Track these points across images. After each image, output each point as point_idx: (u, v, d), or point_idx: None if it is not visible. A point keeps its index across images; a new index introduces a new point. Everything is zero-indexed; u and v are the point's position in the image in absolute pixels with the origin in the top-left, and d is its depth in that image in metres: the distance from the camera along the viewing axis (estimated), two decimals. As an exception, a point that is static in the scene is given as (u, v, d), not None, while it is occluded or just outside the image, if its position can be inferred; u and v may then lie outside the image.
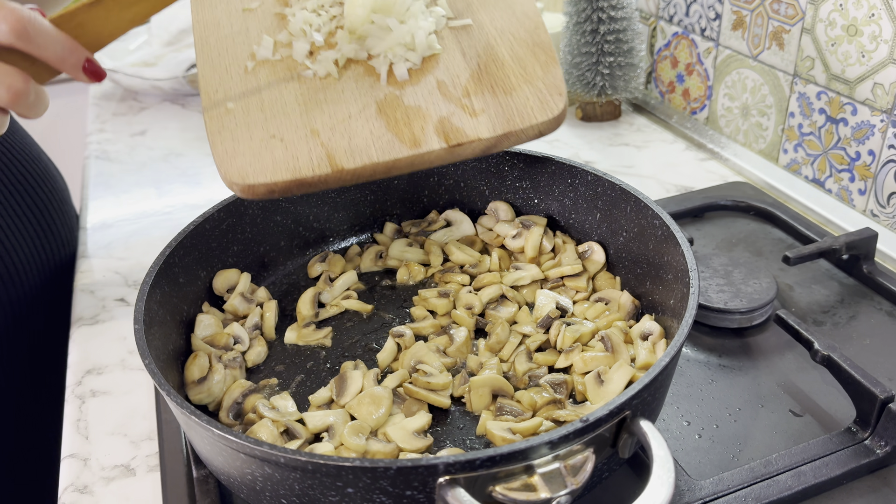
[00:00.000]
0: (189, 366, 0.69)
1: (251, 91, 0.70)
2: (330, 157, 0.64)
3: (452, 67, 0.71)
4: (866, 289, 0.87)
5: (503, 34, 0.72)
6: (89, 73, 0.62)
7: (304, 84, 0.70)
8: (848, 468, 0.65)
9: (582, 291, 0.78)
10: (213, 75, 0.71)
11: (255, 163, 0.65)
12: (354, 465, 0.49)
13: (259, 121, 0.67)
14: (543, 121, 0.67)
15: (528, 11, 0.73)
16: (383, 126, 0.67)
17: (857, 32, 0.94)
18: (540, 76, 0.69)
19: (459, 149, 0.66)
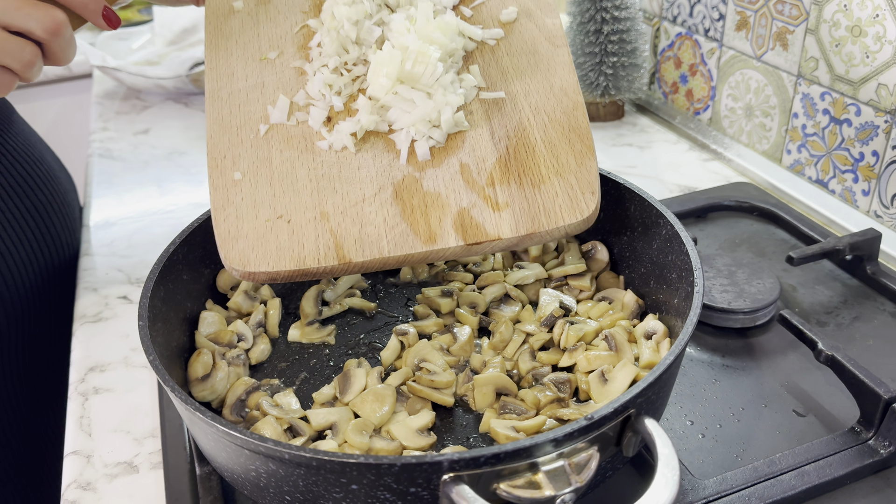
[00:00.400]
0: (192, 363, 0.69)
1: (261, 161, 0.66)
2: (338, 248, 0.62)
3: (479, 149, 0.66)
4: (870, 289, 0.87)
5: (538, 113, 0.67)
6: (107, 19, 0.68)
7: (317, 157, 0.67)
8: (851, 468, 0.65)
9: (586, 290, 0.78)
10: (222, 137, 0.68)
11: (258, 247, 0.62)
12: (359, 462, 0.49)
13: (267, 197, 0.64)
14: (571, 223, 0.62)
15: (568, 88, 0.68)
16: (398, 214, 0.63)
17: (862, 33, 0.94)
18: (573, 169, 0.64)
19: (477, 247, 0.62)
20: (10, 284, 0.91)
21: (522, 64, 0.71)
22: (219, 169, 0.66)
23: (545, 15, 0.74)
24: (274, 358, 0.75)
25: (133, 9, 1.99)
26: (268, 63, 0.72)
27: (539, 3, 0.74)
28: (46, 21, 0.63)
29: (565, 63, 0.70)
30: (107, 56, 1.46)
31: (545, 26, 0.73)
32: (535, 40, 0.72)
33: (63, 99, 1.94)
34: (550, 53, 0.71)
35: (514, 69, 0.70)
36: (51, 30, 0.64)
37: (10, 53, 0.63)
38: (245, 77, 0.71)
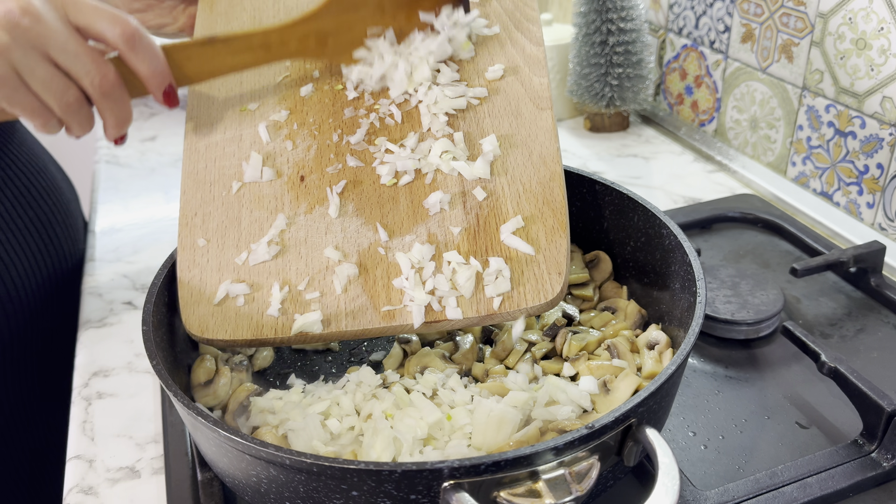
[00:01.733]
0: (196, 369, 0.69)
1: (231, 221, 0.66)
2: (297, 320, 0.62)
3: (449, 218, 0.64)
4: (874, 302, 0.87)
5: (513, 182, 0.65)
6: (167, 96, 0.65)
7: (288, 218, 0.66)
8: (854, 481, 0.64)
9: (588, 300, 0.78)
10: (195, 193, 0.68)
11: (217, 314, 0.63)
12: (359, 468, 0.49)
13: (231, 260, 0.65)
14: (534, 305, 0.60)
15: (547, 157, 0.66)
16: (360, 285, 0.62)
17: (867, 46, 0.94)
18: (542, 247, 0.62)
19: (435, 325, 0.61)
20: (13, 295, 0.91)
21: (503, 127, 0.68)
22: (188, 227, 0.67)
23: (533, 73, 0.71)
24: (277, 364, 0.75)
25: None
26: (247, 114, 0.72)
27: (528, 59, 0.72)
28: (95, 74, 0.61)
29: (547, 129, 0.68)
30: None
31: (531, 86, 0.70)
32: (519, 101, 0.70)
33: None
34: (533, 117, 0.68)
35: (495, 132, 0.68)
36: (103, 87, 0.62)
37: (51, 90, 0.61)
38: (224, 129, 0.71)
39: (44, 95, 0.61)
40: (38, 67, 0.59)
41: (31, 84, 0.60)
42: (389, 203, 0.66)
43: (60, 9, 0.60)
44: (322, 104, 0.72)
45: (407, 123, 0.70)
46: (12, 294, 0.91)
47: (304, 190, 0.67)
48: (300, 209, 0.67)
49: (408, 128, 0.70)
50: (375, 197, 0.67)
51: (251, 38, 0.68)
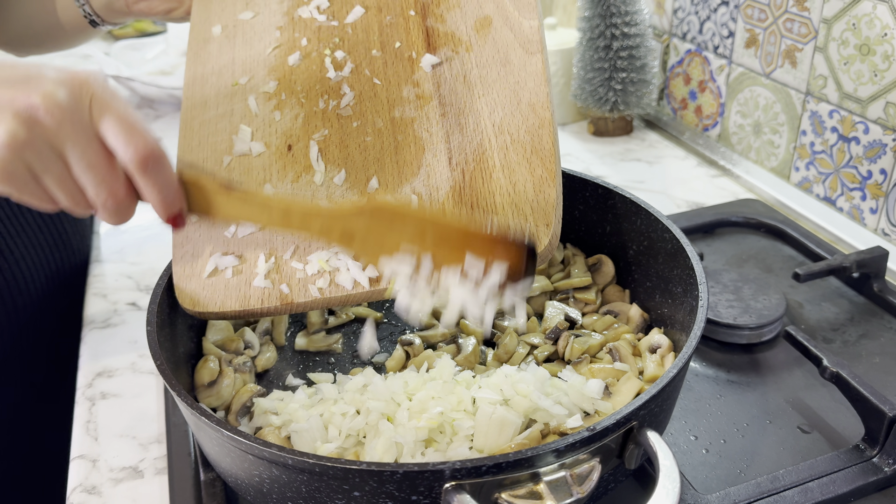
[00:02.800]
0: (199, 369, 0.70)
1: None
2: (282, 291, 0.62)
3: (434, 176, 0.63)
4: (876, 307, 0.87)
5: (500, 132, 0.63)
6: (174, 221, 0.61)
7: (274, 187, 0.67)
8: (855, 485, 0.64)
9: (591, 304, 0.78)
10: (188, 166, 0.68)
11: (207, 287, 0.63)
12: (361, 469, 0.49)
13: (219, 233, 0.65)
14: None
15: (536, 103, 0.64)
16: (343, 251, 0.63)
17: (870, 52, 0.94)
18: (530, 199, 0.60)
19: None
20: (22, 288, 0.92)
21: (491, 76, 0.66)
22: None
23: (523, 17, 0.68)
24: (280, 366, 0.76)
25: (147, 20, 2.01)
26: (238, 89, 0.72)
27: (518, 3, 0.69)
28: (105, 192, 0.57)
29: (537, 73, 0.65)
30: (121, 65, 1.48)
31: (521, 30, 0.68)
32: (508, 47, 0.67)
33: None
34: (523, 62, 0.66)
35: (482, 82, 0.66)
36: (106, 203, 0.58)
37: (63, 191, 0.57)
38: (216, 105, 0.71)
39: (55, 193, 0.57)
40: (52, 167, 0.56)
41: (43, 180, 0.56)
42: (375, 165, 0.66)
43: (86, 110, 0.55)
44: (310, 71, 0.72)
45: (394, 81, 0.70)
46: (22, 287, 0.91)
47: (292, 159, 0.67)
48: (287, 178, 0.67)
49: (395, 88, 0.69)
50: (361, 160, 0.66)
51: (271, 203, 0.61)
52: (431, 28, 0.70)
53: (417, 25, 0.71)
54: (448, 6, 0.71)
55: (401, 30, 0.71)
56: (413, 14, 0.71)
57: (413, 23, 0.71)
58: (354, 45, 0.72)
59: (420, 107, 0.67)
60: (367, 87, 0.70)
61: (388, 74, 0.69)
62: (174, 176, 0.60)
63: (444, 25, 0.70)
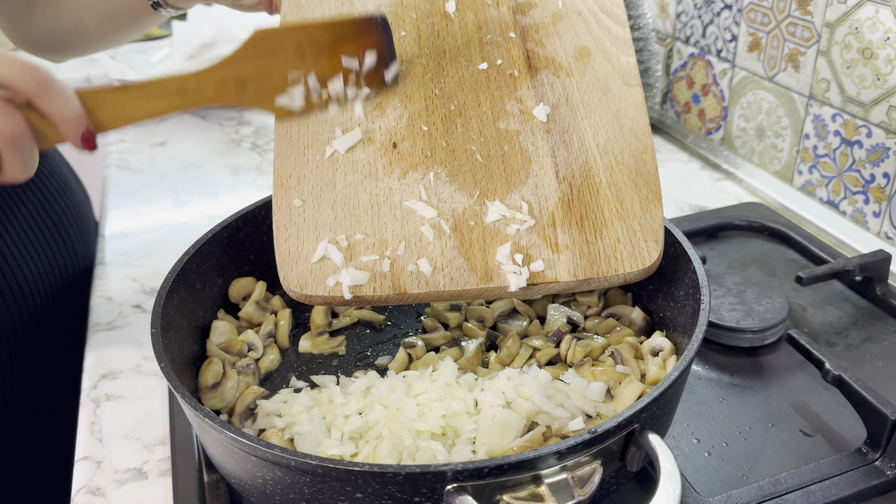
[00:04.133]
0: (203, 371, 0.70)
1: (326, 183, 0.67)
2: (394, 277, 0.62)
3: (543, 186, 0.65)
4: (880, 311, 0.87)
5: (605, 153, 0.66)
6: (85, 140, 0.62)
7: (380, 182, 0.67)
8: (857, 489, 0.64)
9: (593, 307, 0.79)
10: (289, 156, 0.68)
11: (316, 271, 0.63)
12: (364, 470, 0.49)
13: (328, 220, 0.65)
14: (631, 272, 0.61)
15: (638, 131, 0.67)
16: (456, 247, 0.63)
17: (873, 55, 0.94)
18: (637, 215, 0.63)
19: (534, 288, 0.62)
20: (26, 293, 0.92)
21: (593, 101, 0.69)
22: (283, 188, 0.67)
23: (620, 52, 0.72)
24: (283, 368, 0.76)
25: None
26: None
27: (615, 40, 0.73)
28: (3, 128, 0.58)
29: (637, 104, 0.69)
30: (126, 69, 1.49)
31: (619, 64, 0.71)
32: (607, 78, 0.70)
33: (83, 111, 1.97)
34: (623, 93, 0.69)
35: (584, 106, 0.69)
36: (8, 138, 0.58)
37: None
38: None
39: None
40: None
41: None
42: (482, 171, 0.67)
43: None
44: (412, 74, 0.72)
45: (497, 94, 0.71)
46: (25, 292, 0.92)
47: (398, 156, 0.68)
48: (394, 175, 0.67)
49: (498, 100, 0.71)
50: (468, 165, 0.67)
51: (166, 83, 0.65)
52: (532, 51, 0.73)
53: (518, 47, 0.73)
54: (547, 33, 0.74)
55: (501, 49, 0.73)
56: (513, 36, 0.73)
57: (513, 44, 0.73)
58: (455, 56, 0.73)
59: (524, 121, 0.69)
60: (470, 96, 0.71)
61: (491, 87, 0.71)
62: (72, 93, 0.61)
63: (543, 50, 0.73)
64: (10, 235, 0.91)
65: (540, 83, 0.71)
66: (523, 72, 0.71)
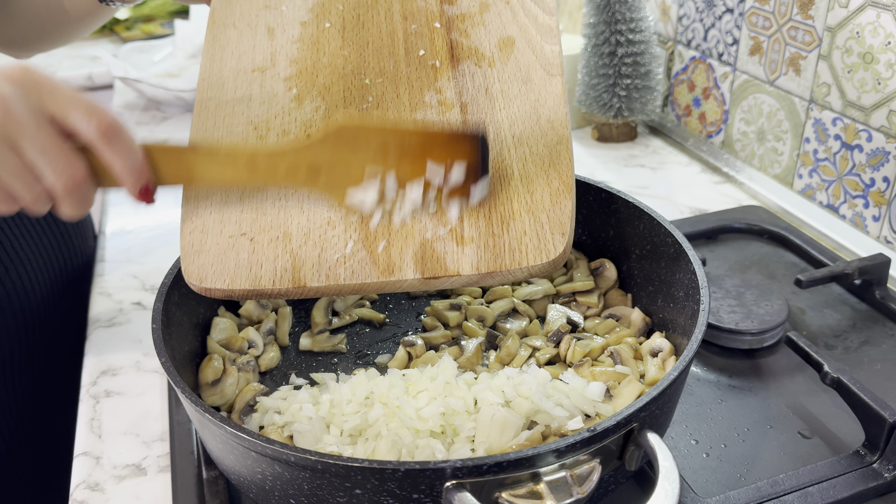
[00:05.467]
0: (203, 368, 0.70)
1: None
2: (295, 271, 0.62)
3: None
4: (878, 314, 0.87)
5: (520, 144, 0.65)
6: (143, 194, 0.61)
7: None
8: (855, 491, 0.65)
9: (593, 307, 0.79)
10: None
11: (217, 264, 0.63)
12: (363, 466, 0.49)
13: (234, 213, 0.65)
14: (536, 265, 0.60)
15: (555, 121, 0.66)
16: (360, 240, 0.62)
17: (874, 60, 0.95)
18: (546, 208, 0.62)
19: (435, 281, 0.61)
20: (27, 288, 0.93)
21: (513, 91, 0.69)
22: None
23: (545, 41, 0.71)
24: (284, 365, 0.76)
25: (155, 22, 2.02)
26: (259, 75, 0.72)
27: (541, 28, 0.72)
28: (63, 175, 0.56)
29: (557, 94, 0.68)
30: (129, 67, 1.49)
31: (543, 53, 0.70)
32: (529, 67, 0.70)
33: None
34: (543, 82, 0.69)
35: (503, 96, 0.68)
36: (66, 186, 0.57)
37: (19, 183, 0.56)
38: (234, 88, 0.72)
39: (12, 186, 0.56)
40: (6, 159, 0.55)
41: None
42: None
43: (35, 97, 0.55)
44: (333, 66, 0.73)
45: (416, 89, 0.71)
46: (27, 287, 0.92)
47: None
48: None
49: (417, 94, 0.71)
50: None
51: (237, 154, 0.62)
52: (455, 41, 0.72)
53: (442, 37, 0.73)
54: (473, 23, 0.73)
55: (425, 39, 0.73)
56: (438, 26, 0.73)
57: (438, 34, 0.73)
58: (379, 48, 0.73)
59: (441, 112, 0.69)
60: (389, 87, 0.71)
61: (412, 79, 0.71)
62: (137, 145, 0.59)
63: (468, 40, 0.72)
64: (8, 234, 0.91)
65: (461, 73, 0.70)
66: (445, 62, 0.71)
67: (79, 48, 2.04)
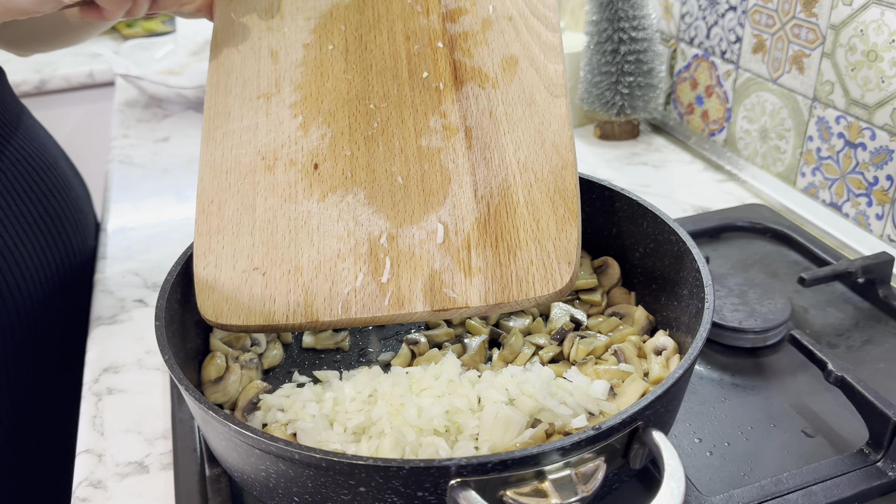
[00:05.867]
0: (206, 365, 0.70)
1: (245, 209, 0.67)
2: (307, 306, 0.63)
3: (460, 206, 0.65)
4: (881, 313, 0.87)
5: (525, 170, 0.66)
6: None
7: (299, 206, 0.67)
8: (859, 490, 0.65)
9: (596, 305, 0.79)
10: (212, 181, 0.69)
11: (231, 300, 0.65)
12: (367, 464, 0.49)
13: (246, 247, 0.66)
14: (543, 295, 0.61)
15: (560, 145, 0.67)
16: (370, 273, 0.63)
17: (878, 58, 0.94)
18: (553, 236, 0.62)
19: (443, 313, 0.62)
20: (22, 287, 0.92)
21: (517, 114, 0.68)
22: (204, 214, 0.68)
23: (548, 60, 0.70)
24: (286, 363, 0.76)
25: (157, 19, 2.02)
26: (264, 102, 0.72)
27: (544, 46, 0.71)
28: None
29: (561, 116, 0.68)
30: (130, 64, 1.49)
31: (546, 73, 0.70)
32: (533, 88, 0.69)
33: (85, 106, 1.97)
34: (547, 104, 0.68)
35: (508, 119, 0.68)
36: None
37: None
38: (241, 117, 0.72)
39: None
40: None
41: None
42: (401, 192, 0.67)
43: None
44: (337, 91, 0.72)
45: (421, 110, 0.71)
46: (21, 287, 0.92)
47: (318, 178, 0.68)
48: (313, 197, 0.68)
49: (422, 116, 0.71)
50: (388, 186, 0.67)
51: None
52: (459, 62, 0.72)
53: (445, 58, 0.72)
54: (475, 42, 0.73)
55: (429, 60, 0.72)
56: (441, 46, 0.73)
57: (441, 55, 0.73)
58: (382, 70, 0.73)
59: (447, 137, 0.69)
60: (394, 112, 0.71)
61: (416, 103, 0.71)
62: None
63: (471, 60, 0.72)
64: (6, 230, 0.91)
65: (465, 96, 0.70)
66: (449, 84, 0.71)
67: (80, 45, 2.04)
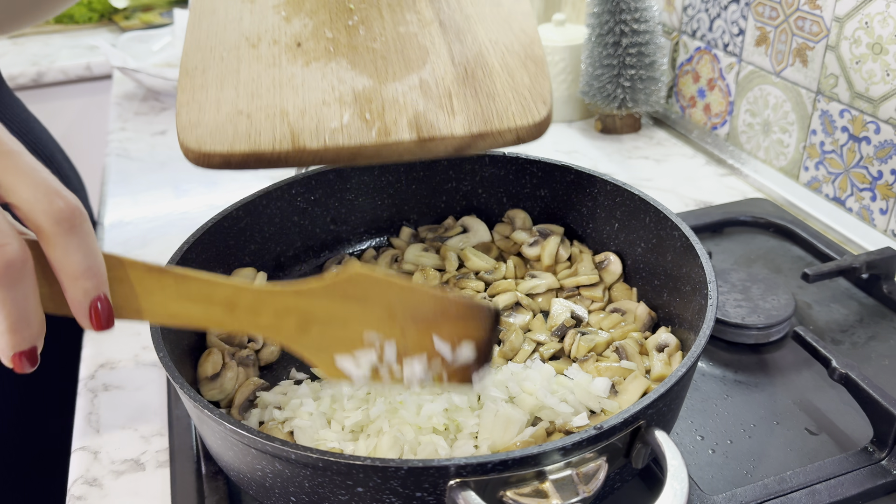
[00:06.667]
0: (203, 362, 0.69)
1: (229, 72, 0.68)
2: (294, 136, 0.63)
3: (438, 69, 0.69)
4: (886, 309, 0.86)
5: (496, 44, 0.70)
6: (96, 313, 0.47)
7: (283, 69, 0.68)
8: (863, 488, 0.64)
9: (598, 301, 0.78)
10: (195, 53, 0.69)
11: (215, 133, 0.63)
12: (365, 464, 0.48)
13: (230, 98, 0.66)
14: (522, 125, 0.63)
15: (526, 28, 0.71)
16: (356, 114, 0.65)
17: (882, 51, 0.93)
18: (527, 85, 0.66)
19: (430, 143, 0.63)
20: None
21: (485, 11, 0.73)
22: (189, 76, 0.68)
23: None
24: (284, 359, 0.75)
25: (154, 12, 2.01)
26: (248, 3, 0.74)
27: None
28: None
29: (525, 12, 0.72)
30: (127, 57, 1.48)
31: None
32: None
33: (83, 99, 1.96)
34: (512, 4, 0.73)
35: (478, 15, 0.72)
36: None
37: None
38: (226, 11, 0.73)
39: None
40: None
41: None
42: (382, 60, 0.70)
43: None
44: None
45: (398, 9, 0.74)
46: None
47: (301, 51, 0.70)
48: (297, 64, 0.69)
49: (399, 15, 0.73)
50: (369, 56, 0.70)
51: (215, 287, 0.51)
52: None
53: None
54: None
55: None
56: None
57: None
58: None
59: (422, 26, 0.72)
60: (372, 11, 0.73)
61: (392, 3, 0.74)
62: (97, 244, 0.46)
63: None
64: None
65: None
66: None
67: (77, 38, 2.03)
